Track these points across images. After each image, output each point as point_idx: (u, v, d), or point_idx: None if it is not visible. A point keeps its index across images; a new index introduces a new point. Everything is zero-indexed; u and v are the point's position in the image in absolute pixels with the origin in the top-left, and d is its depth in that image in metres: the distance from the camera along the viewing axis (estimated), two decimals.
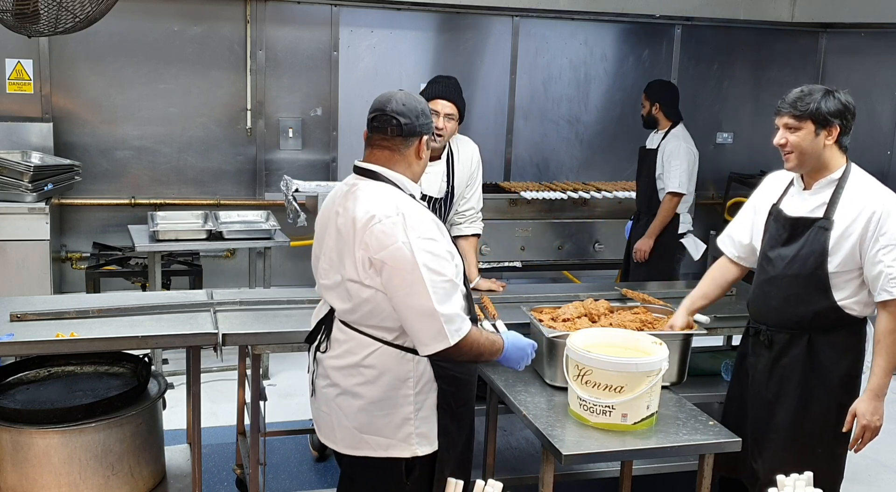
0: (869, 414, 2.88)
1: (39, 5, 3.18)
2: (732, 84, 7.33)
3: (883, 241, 2.82)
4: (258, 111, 6.30)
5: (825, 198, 2.94)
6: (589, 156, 7.16)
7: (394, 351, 2.54)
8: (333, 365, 2.61)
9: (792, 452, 3.00)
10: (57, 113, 5.93)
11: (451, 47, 6.69)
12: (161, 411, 3.47)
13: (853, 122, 2.92)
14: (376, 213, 2.44)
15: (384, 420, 2.56)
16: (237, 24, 6.17)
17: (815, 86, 2.92)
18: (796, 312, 2.97)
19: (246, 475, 3.73)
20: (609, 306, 3.47)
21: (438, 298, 2.40)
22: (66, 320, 3.31)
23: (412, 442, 2.58)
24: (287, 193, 5.47)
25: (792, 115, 2.89)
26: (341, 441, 2.65)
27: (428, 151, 2.63)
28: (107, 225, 6.14)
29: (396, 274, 2.41)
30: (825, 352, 2.97)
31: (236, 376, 4.11)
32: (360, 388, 2.56)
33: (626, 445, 2.74)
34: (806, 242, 2.93)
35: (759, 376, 3.09)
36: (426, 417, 2.59)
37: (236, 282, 6.11)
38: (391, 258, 2.41)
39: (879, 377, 2.88)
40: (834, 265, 2.89)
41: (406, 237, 2.40)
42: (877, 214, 2.84)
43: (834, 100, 2.87)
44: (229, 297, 3.67)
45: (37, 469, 3.09)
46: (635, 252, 5.32)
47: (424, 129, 2.58)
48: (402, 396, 2.56)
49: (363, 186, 2.55)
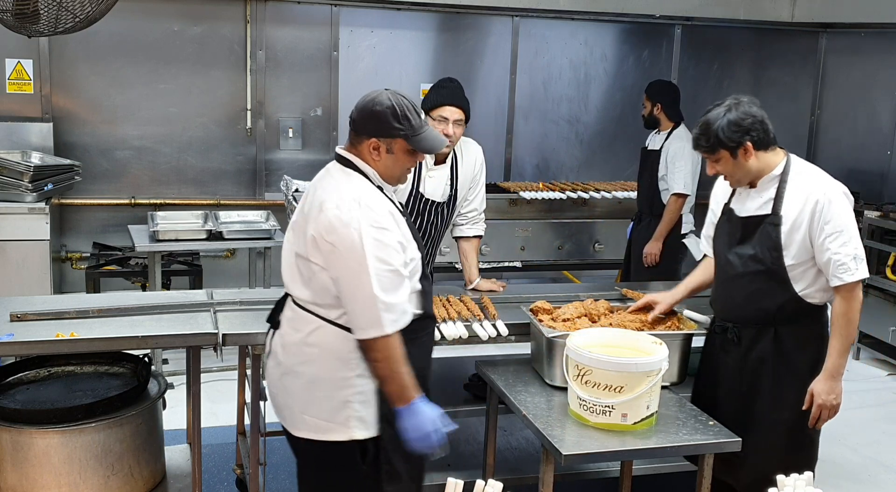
0: (825, 394, 2.96)
1: (39, 5, 3.18)
2: (732, 84, 7.33)
3: (828, 229, 2.89)
4: (258, 111, 6.30)
5: (771, 194, 3.01)
6: (589, 156, 7.16)
7: (336, 330, 2.57)
8: (279, 342, 2.68)
9: (773, 439, 3.06)
10: (57, 113, 5.93)
11: (451, 47, 6.69)
12: (161, 411, 3.47)
13: (765, 125, 2.95)
14: (335, 198, 2.51)
15: (325, 403, 2.59)
16: (237, 24, 6.18)
17: (713, 112, 2.96)
18: (760, 307, 3.03)
19: (246, 475, 3.73)
20: (609, 306, 3.47)
21: (382, 285, 2.46)
22: (66, 320, 3.31)
23: (351, 425, 2.59)
24: (287, 193, 5.47)
25: (705, 151, 3.00)
26: (286, 420, 2.71)
27: (394, 157, 2.61)
28: (107, 225, 6.15)
29: (343, 258, 2.47)
30: (791, 342, 3.04)
31: (236, 376, 4.11)
32: (302, 366, 2.61)
33: (626, 445, 2.75)
34: (759, 240, 3.00)
35: (730, 373, 3.14)
36: (366, 401, 2.60)
37: (236, 282, 6.11)
38: (340, 242, 2.47)
39: (834, 358, 2.96)
40: (790, 258, 2.96)
41: (358, 224, 2.46)
42: (820, 202, 2.90)
43: (732, 121, 2.91)
44: (229, 297, 3.67)
45: (37, 469, 3.09)
46: (645, 257, 5.31)
47: (374, 132, 2.57)
48: (343, 377, 2.58)
49: (334, 171, 2.64)
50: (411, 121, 2.57)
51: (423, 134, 2.60)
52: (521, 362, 3.41)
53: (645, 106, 5.42)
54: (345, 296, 2.51)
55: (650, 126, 5.47)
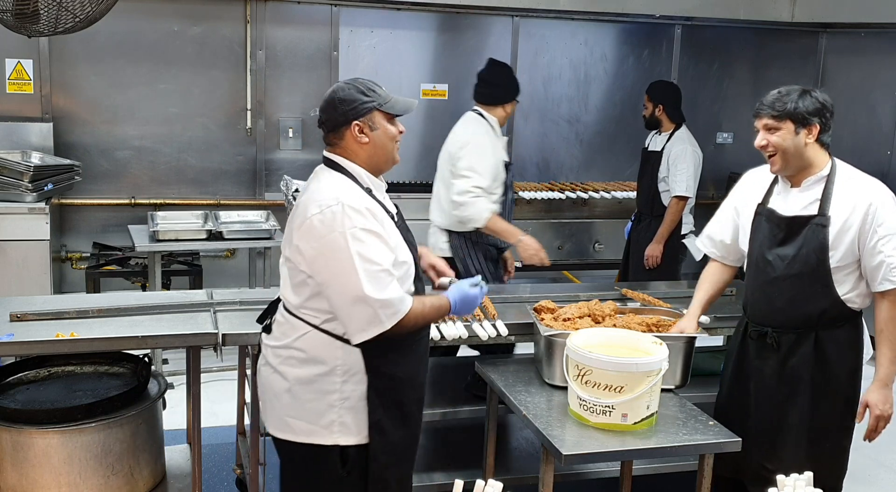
0: (881, 404, 2.93)
1: (39, 5, 3.18)
2: (732, 84, 7.33)
3: (881, 231, 2.85)
4: (258, 111, 6.30)
5: (816, 194, 2.95)
6: (589, 156, 7.15)
7: (323, 337, 2.55)
8: (269, 344, 2.68)
9: (805, 449, 3.01)
10: (57, 113, 5.92)
11: (451, 47, 6.68)
12: (161, 411, 3.47)
13: (832, 120, 2.94)
14: (318, 203, 2.50)
15: (309, 405, 2.58)
16: (237, 24, 6.17)
17: (791, 87, 2.94)
18: (803, 312, 2.97)
19: (246, 475, 3.73)
20: (615, 307, 3.45)
21: (372, 285, 2.43)
22: (66, 320, 3.31)
23: (334, 430, 2.58)
24: (287, 193, 5.46)
25: (771, 116, 2.91)
26: (269, 421, 2.70)
27: (379, 133, 2.61)
28: (107, 225, 6.14)
29: (330, 263, 2.45)
30: (831, 348, 2.98)
31: (236, 376, 4.11)
32: (289, 369, 2.60)
33: (626, 445, 2.74)
34: (805, 241, 2.92)
35: (766, 380, 3.06)
36: (352, 407, 2.58)
37: (236, 282, 6.11)
38: (326, 248, 2.45)
39: (886, 367, 2.91)
40: (835, 260, 2.90)
41: (342, 227, 2.44)
42: (873, 205, 2.86)
43: (811, 99, 2.89)
44: (229, 297, 3.67)
45: (37, 469, 3.09)
46: (646, 259, 5.29)
47: (351, 115, 2.59)
48: (329, 382, 2.57)
49: (320, 175, 2.65)
50: (376, 91, 2.61)
51: (393, 99, 2.64)
52: (521, 362, 3.41)
53: (646, 107, 5.38)
54: (335, 301, 2.47)
55: (651, 127, 5.45)
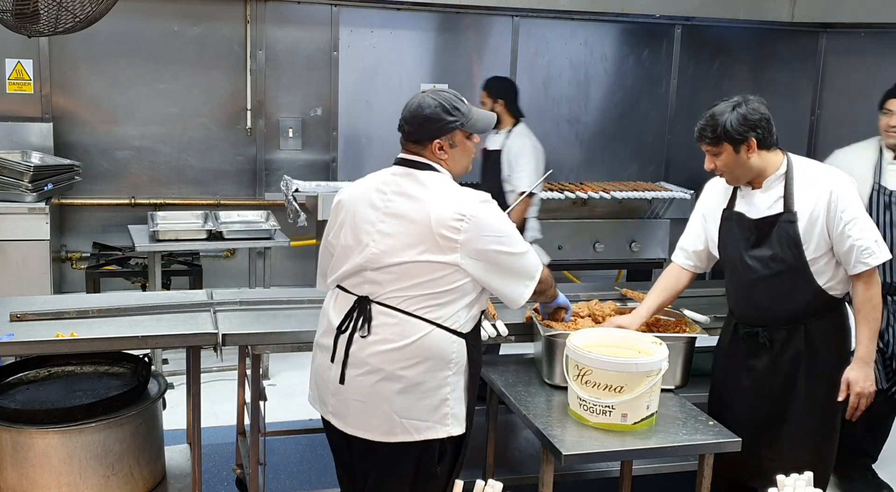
0: (862, 381, 3.00)
1: (39, 5, 3.18)
2: (732, 84, 7.31)
3: (846, 216, 2.90)
4: (258, 111, 6.30)
5: (779, 192, 3.00)
6: (589, 156, 7.14)
7: (445, 334, 2.58)
8: (377, 350, 2.58)
9: (806, 438, 3.08)
10: (57, 113, 5.92)
11: (451, 47, 6.68)
12: (161, 411, 3.47)
13: (770, 124, 2.95)
14: (465, 203, 2.56)
15: (424, 402, 2.59)
16: (237, 24, 6.17)
17: (720, 106, 2.95)
18: (788, 307, 3.03)
19: (246, 475, 3.73)
20: (616, 307, 3.45)
21: (531, 268, 2.68)
22: (66, 320, 3.31)
23: (448, 423, 2.62)
24: (287, 193, 5.47)
25: (706, 143, 2.97)
26: (377, 429, 2.62)
27: (458, 150, 2.68)
28: (107, 225, 6.14)
29: (497, 261, 2.58)
30: (820, 338, 3.04)
31: (236, 376, 4.11)
32: (404, 371, 2.57)
33: (626, 445, 2.75)
34: (778, 239, 2.98)
35: (760, 377, 3.11)
36: (459, 398, 2.65)
37: (236, 282, 6.11)
38: (480, 225, 2.54)
39: (864, 345, 3.00)
40: (810, 253, 2.96)
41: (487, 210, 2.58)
42: (834, 193, 2.92)
43: (739, 114, 2.90)
44: (229, 297, 3.67)
45: (37, 469, 3.09)
46: None
47: (435, 134, 2.62)
48: (442, 377, 2.60)
49: (424, 176, 2.63)
50: (460, 109, 2.63)
51: (474, 117, 2.68)
52: (521, 362, 3.41)
53: (484, 103, 5.06)
54: (496, 268, 2.59)
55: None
